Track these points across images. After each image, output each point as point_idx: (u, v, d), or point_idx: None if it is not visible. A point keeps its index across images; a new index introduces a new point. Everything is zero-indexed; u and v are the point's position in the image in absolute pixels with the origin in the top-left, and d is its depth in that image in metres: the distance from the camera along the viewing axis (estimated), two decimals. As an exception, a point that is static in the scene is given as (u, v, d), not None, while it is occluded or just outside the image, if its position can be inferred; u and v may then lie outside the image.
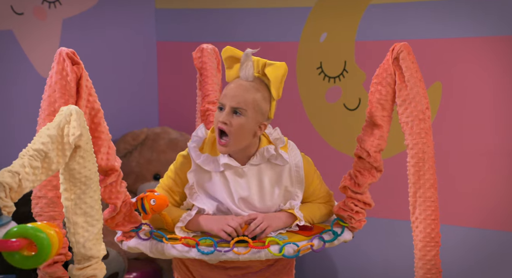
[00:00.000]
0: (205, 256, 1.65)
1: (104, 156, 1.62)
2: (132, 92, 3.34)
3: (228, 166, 1.75)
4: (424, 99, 1.74)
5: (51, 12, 2.93)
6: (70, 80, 1.58)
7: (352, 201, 1.78)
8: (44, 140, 1.41)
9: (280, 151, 1.77)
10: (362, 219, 1.80)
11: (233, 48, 1.77)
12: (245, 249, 1.65)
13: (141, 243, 1.72)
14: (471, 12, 2.61)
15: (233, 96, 1.71)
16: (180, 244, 1.67)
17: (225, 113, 1.71)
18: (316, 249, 1.71)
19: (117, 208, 1.66)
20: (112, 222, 1.69)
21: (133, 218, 1.72)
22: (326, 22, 2.94)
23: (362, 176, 1.76)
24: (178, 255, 1.68)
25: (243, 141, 1.73)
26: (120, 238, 1.75)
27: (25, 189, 1.35)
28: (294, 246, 1.68)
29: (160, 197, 1.69)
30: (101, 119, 1.62)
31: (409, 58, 1.74)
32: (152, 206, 1.67)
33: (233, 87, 1.74)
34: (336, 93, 2.95)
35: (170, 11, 3.35)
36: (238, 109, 1.70)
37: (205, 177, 1.77)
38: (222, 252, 1.65)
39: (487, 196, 2.64)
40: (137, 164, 3.14)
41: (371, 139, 1.75)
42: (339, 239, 1.76)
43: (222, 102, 1.73)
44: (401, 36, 2.69)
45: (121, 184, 1.66)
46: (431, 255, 1.74)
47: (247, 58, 1.73)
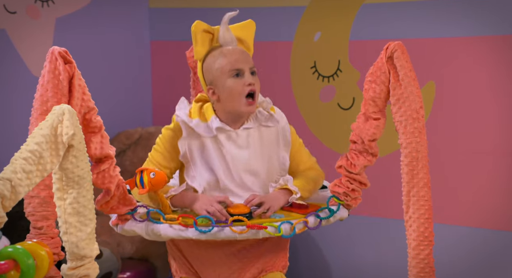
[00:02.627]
0: (203, 234, 1.64)
1: (98, 145, 1.61)
2: (126, 91, 3.33)
3: (221, 130, 1.77)
4: (418, 98, 1.74)
5: (44, 11, 2.92)
6: (63, 79, 1.58)
7: (348, 179, 1.79)
8: (38, 140, 1.41)
9: (271, 112, 1.82)
10: (358, 197, 1.80)
11: (203, 22, 1.81)
12: (242, 228, 1.65)
13: (136, 225, 1.70)
14: (464, 11, 2.62)
15: (245, 59, 1.79)
16: (177, 224, 1.66)
17: (249, 76, 1.77)
18: (311, 226, 1.71)
19: (111, 192, 1.64)
20: (107, 206, 1.67)
21: (128, 201, 1.70)
22: (320, 22, 2.94)
23: (358, 158, 1.77)
24: (175, 235, 1.67)
25: (257, 99, 1.80)
26: (115, 222, 1.74)
27: (20, 195, 1.34)
28: (290, 224, 1.68)
29: (160, 173, 1.69)
30: (93, 116, 1.62)
31: (403, 57, 1.75)
32: (151, 179, 1.67)
33: (236, 52, 1.79)
34: (330, 92, 2.95)
35: (164, 11, 3.34)
36: (253, 70, 1.79)
37: (197, 143, 1.78)
38: (220, 228, 1.64)
39: (480, 194, 2.65)
40: (130, 163, 3.13)
41: (366, 127, 1.76)
42: (335, 216, 1.76)
43: (240, 67, 1.78)
44: (395, 36, 2.70)
45: (114, 169, 1.65)
46: (425, 254, 1.74)
47: (226, 26, 1.79)
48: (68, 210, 1.52)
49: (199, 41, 1.79)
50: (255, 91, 1.77)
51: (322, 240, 3.05)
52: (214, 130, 1.76)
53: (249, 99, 1.76)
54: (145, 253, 2.99)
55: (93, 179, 1.61)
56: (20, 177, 1.34)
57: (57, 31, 2.96)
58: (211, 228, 1.64)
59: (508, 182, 2.61)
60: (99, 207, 1.67)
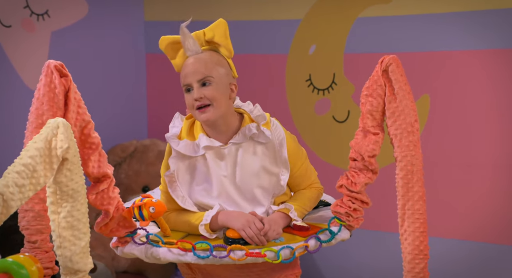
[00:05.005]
0: (201, 260, 1.63)
1: (96, 164, 1.60)
2: (122, 104, 3.33)
3: (209, 148, 1.75)
4: (413, 112, 1.75)
5: (39, 24, 2.92)
6: (58, 92, 1.58)
7: (349, 198, 1.77)
8: (31, 153, 1.40)
9: (262, 128, 1.76)
10: (360, 217, 1.78)
11: (168, 36, 1.80)
12: (241, 254, 1.63)
13: (136, 248, 1.69)
14: (459, 25, 2.63)
15: (194, 71, 1.73)
16: (176, 248, 1.65)
17: (195, 90, 1.72)
18: (311, 250, 1.69)
19: (109, 214, 1.63)
20: (106, 228, 1.66)
21: (128, 223, 1.69)
22: (315, 35, 2.96)
23: (358, 176, 1.76)
24: (174, 259, 1.66)
25: (222, 107, 1.73)
26: (115, 244, 1.72)
27: (12, 209, 1.33)
28: (290, 248, 1.66)
29: (159, 204, 1.67)
30: (91, 131, 1.61)
31: (398, 71, 1.75)
32: (151, 213, 1.65)
33: (189, 64, 1.75)
34: (325, 105, 2.96)
35: (159, 24, 3.36)
36: (204, 80, 1.73)
37: (186, 163, 1.76)
38: (218, 258, 1.63)
39: (475, 208, 2.65)
40: (126, 176, 3.12)
41: (365, 143, 1.75)
42: (336, 238, 1.74)
43: (187, 83, 1.74)
44: (390, 49, 2.71)
45: (113, 190, 1.64)
46: (420, 268, 1.74)
47: (185, 35, 1.76)
48: (62, 223, 1.52)
49: (171, 55, 1.80)
50: (204, 104, 1.72)
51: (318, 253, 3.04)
52: (202, 149, 1.74)
53: (200, 109, 1.72)
54: (139, 267, 2.98)
55: (91, 200, 1.60)
56: (12, 190, 1.33)
57: (53, 44, 2.96)
58: (208, 254, 1.63)
59: (502, 194, 2.61)
60: (98, 229, 1.65)
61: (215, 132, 1.77)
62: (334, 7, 2.89)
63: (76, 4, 3.09)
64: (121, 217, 1.67)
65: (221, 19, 1.76)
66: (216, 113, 1.73)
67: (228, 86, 1.76)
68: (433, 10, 2.67)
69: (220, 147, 1.75)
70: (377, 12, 2.79)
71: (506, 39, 2.56)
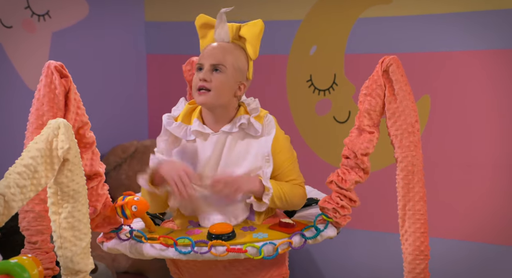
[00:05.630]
0: (183, 255, 1.63)
1: (88, 162, 1.61)
2: (122, 105, 3.33)
3: (199, 133, 1.75)
4: (413, 112, 1.74)
5: (40, 25, 2.93)
6: (59, 93, 1.58)
7: (338, 195, 1.76)
8: (33, 154, 1.40)
9: (252, 120, 1.75)
10: (347, 215, 1.76)
11: (207, 16, 1.80)
12: (223, 250, 1.62)
13: (120, 243, 1.70)
14: (459, 26, 2.63)
15: (212, 54, 1.73)
16: (159, 244, 1.65)
17: (204, 71, 1.71)
18: (296, 246, 1.67)
19: (96, 211, 1.64)
20: (92, 223, 1.65)
21: (113, 219, 1.70)
22: (316, 35, 2.96)
23: (349, 174, 1.76)
24: (156, 254, 1.66)
25: (222, 98, 1.72)
26: (100, 239, 1.73)
27: (13, 210, 1.33)
28: (272, 245, 1.64)
29: (141, 202, 1.67)
30: (86, 131, 1.62)
31: (398, 71, 1.75)
32: (133, 212, 1.66)
33: (211, 47, 1.75)
34: (326, 106, 2.96)
35: (160, 24, 3.36)
36: (217, 66, 1.72)
37: (174, 146, 1.76)
38: (199, 253, 1.62)
39: (475, 208, 2.65)
40: (126, 177, 3.12)
41: (359, 141, 1.75)
42: (322, 235, 1.71)
43: (201, 62, 1.73)
44: (390, 50, 2.71)
45: (103, 187, 1.65)
46: (420, 268, 1.74)
47: (221, 20, 1.75)
48: (63, 224, 1.52)
49: (201, 34, 1.80)
50: (205, 86, 1.70)
51: (317, 253, 3.04)
52: (191, 133, 1.75)
53: (201, 91, 1.71)
54: (140, 267, 2.98)
55: None
56: (14, 191, 1.33)
57: (53, 45, 2.97)
58: (190, 250, 1.63)
59: (502, 194, 2.61)
60: None
61: (211, 119, 1.76)
62: (334, 7, 2.90)
63: (76, 4, 3.09)
64: (108, 213, 1.68)
65: (260, 19, 1.75)
66: (214, 100, 1.71)
67: (237, 82, 1.75)
68: (434, 11, 2.67)
69: (210, 133, 1.75)
70: (378, 13, 2.79)
71: (506, 40, 2.56)
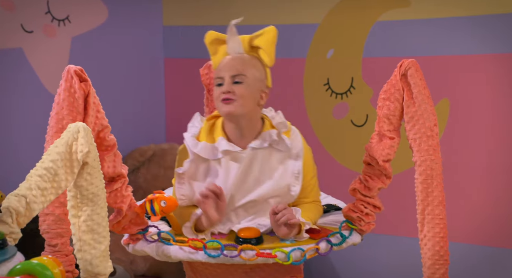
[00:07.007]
0: (212, 259, 1.63)
1: (111, 164, 1.62)
2: (140, 108, 3.35)
3: (227, 152, 1.73)
4: (432, 116, 1.74)
5: (60, 30, 2.95)
6: (78, 97, 1.59)
7: (362, 203, 1.76)
8: (53, 157, 1.42)
9: (282, 136, 1.75)
10: (372, 222, 1.77)
11: (215, 32, 1.79)
12: (252, 254, 1.63)
13: (147, 245, 1.70)
14: (478, 29, 2.61)
15: (231, 66, 1.72)
16: (187, 246, 1.65)
17: (226, 83, 1.71)
18: (322, 252, 1.68)
19: (122, 212, 1.64)
20: (118, 226, 1.67)
21: (139, 220, 1.70)
22: (333, 39, 2.95)
23: (372, 181, 1.75)
24: (185, 257, 1.66)
25: (247, 107, 1.71)
26: (126, 241, 1.73)
27: (34, 212, 1.35)
28: (300, 250, 1.65)
29: (170, 199, 1.67)
30: (106, 134, 1.63)
31: (417, 75, 1.74)
32: (162, 207, 1.66)
33: (227, 60, 1.74)
34: (343, 109, 2.95)
35: (178, 28, 3.37)
36: (238, 77, 1.72)
37: (202, 166, 1.75)
38: (228, 257, 1.63)
39: (497, 212, 2.62)
40: (144, 180, 3.14)
41: (380, 148, 1.74)
42: (347, 241, 1.73)
43: (220, 76, 1.73)
44: (408, 53, 2.70)
45: (127, 189, 1.66)
46: (440, 273, 1.72)
47: (232, 33, 1.75)
48: (82, 227, 1.53)
49: (212, 51, 1.79)
50: (230, 98, 1.70)
51: (335, 257, 3.03)
52: (220, 153, 1.73)
53: (226, 100, 1.71)
54: (158, 271, 2.99)
55: (106, 199, 1.61)
56: (35, 193, 1.35)
57: (73, 49, 2.99)
58: (219, 253, 1.63)
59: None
60: (110, 227, 1.66)
61: (237, 133, 1.75)
62: (352, 11, 2.89)
63: (96, 9, 3.12)
64: (133, 214, 1.68)
65: (272, 26, 1.74)
66: (240, 109, 1.70)
67: (259, 91, 1.74)
68: (453, 14, 2.66)
69: (239, 152, 1.74)
70: (396, 16, 2.78)
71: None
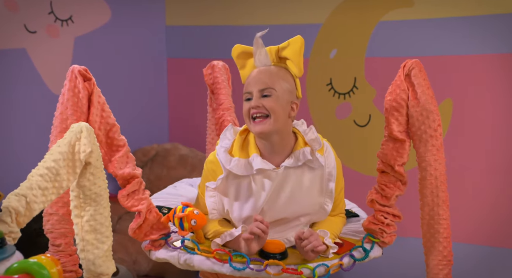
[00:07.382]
0: (237, 272, 1.61)
1: (123, 165, 1.62)
2: (143, 108, 3.35)
3: (261, 171, 1.68)
4: (436, 116, 1.73)
5: (63, 30, 2.96)
6: (82, 97, 1.59)
7: (381, 214, 1.74)
8: (55, 157, 1.42)
9: (316, 154, 1.70)
10: (393, 232, 1.75)
11: (242, 45, 1.76)
12: (278, 269, 1.61)
13: (169, 253, 1.66)
14: (481, 29, 2.61)
15: (259, 80, 1.68)
16: (212, 258, 1.62)
17: (254, 98, 1.66)
18: (346, 268, 1.67)
19: (142, 214, 1.62)
20: (140, 232, 1.64)
21: (161, 225, 1.67)
22: (336, 39, 2.95)
23: (389, 189, 1.73)
24: (209, 268, 1.62)
25: (279, 121, 1.66)
26: (148, 247, 1.69)
27: (34, 212, 1.34)
28: (325, 266, 1.64)
29: (201, 217, 1.63)
30: (116, 133, 1.62)
31: (421, 75, 1.74)
32: (192, 226, 1.62)
33: (255, 73, 1.70)
34: (346, 109, 2.95)
35: (180, 28, 3.37)
36: (267, 90, 1.67)
37: (234, 182, 1.70)
38: (254, 271, 1.61)
39: (500, 212, 2.62)
40: (147, 180, 3.14)
41: (393, 153, 1.73)
42: (370, 256, 1.72)
43: (248, 91, 1.68)
44: (411, 53, 2.70)
45: (144, 192, 1.64)
46: (444, 274, 1.72)
47: (259, 46, 1.71)
48: (85, 227, 1.53)
49: (239, 65, 1.75)
50: (261, 113, 1.66)
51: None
52: (254, 171, 1.68)
53: (256, 120, 1.66)
54: (160, 271, 2.99)
55: (124, 202, 1.60)
56: (36, 193, 1.35)
57: (76, 49, 3.00)
58: (245, 266, 1.61)
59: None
60: (132, 234, 1.64)
61: (270, 151, 1.70)
62: (355, 11, 2.89)
63: (99, 9, 3.12)
64: (154, 219, 1.65)
65: (299, 36, 1.71)
66: (272, 126, 1.66)
67: (289, 103, 1.69)
68: (456, 14, 2.65)
69: (272, 171, 1.69)
70: (399, 16, 2.78)
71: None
